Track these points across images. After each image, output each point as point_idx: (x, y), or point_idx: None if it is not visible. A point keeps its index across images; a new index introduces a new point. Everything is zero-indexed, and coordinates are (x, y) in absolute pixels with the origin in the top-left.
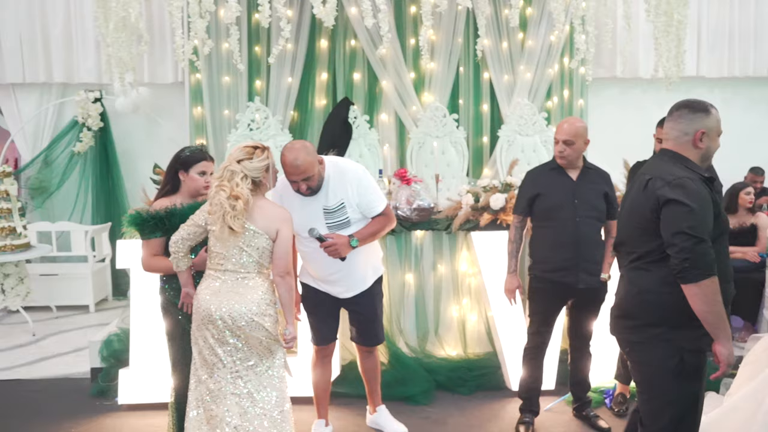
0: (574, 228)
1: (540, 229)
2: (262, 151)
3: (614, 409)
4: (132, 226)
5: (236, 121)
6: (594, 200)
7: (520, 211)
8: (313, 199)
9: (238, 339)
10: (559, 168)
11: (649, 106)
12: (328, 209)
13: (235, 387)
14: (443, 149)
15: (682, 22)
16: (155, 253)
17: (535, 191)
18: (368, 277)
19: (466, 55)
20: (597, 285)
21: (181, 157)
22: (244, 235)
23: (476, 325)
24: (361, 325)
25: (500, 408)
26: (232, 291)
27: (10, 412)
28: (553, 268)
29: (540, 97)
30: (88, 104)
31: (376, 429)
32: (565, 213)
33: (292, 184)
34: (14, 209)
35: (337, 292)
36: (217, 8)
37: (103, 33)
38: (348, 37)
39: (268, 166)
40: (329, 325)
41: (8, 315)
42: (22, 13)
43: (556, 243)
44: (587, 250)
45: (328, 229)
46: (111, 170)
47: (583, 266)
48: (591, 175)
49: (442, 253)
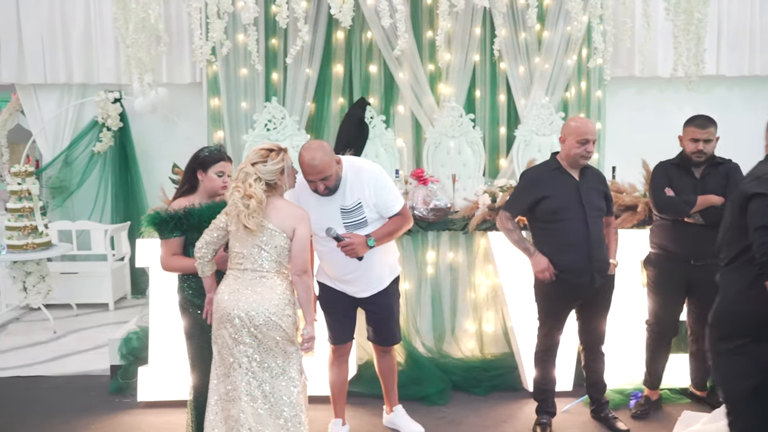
0: (585, 228)
1: (546, 231)
2: (277, 154)
3: (633, 410)
4: (150, 226)
5: (253, 121)
6: (596, 199)
7: (517, 211)
8: (330, 198)
9: (254, 338)
10: (560, 168)
11: (667, 105)
12: (345, 209)
13: (250, 388)
14: (459, 149)
15: (702, 20)
16: (174, 252)
17: (540, 194)
18: (385, 276)
19: (483, 46)
20: (606, 280)
21: (200, 157)
22: (262, 234)
23: (493, 326)
24: (377, 324)
25: (517, 409)
26: (251, 290)
27: (31, 408)
28: (563, 270)
29: (558, 89)
30: (108, 104)
31: (392, 429)
32: (575, 214)
33: (310, 184)
34: (36, 208)
35: (353, 292)
36: (235, 6)
37: (123, 34)
38: (365, 30)
39: (282, 169)
40: (346, 325)
41: (30, 312)
42: (43, 15)
43: (566, 244)
44: (598, 249)
45: (345, 229)
46: (130, 170)
47: (596, 266)
48: (589, 175)
49: (458, 253)
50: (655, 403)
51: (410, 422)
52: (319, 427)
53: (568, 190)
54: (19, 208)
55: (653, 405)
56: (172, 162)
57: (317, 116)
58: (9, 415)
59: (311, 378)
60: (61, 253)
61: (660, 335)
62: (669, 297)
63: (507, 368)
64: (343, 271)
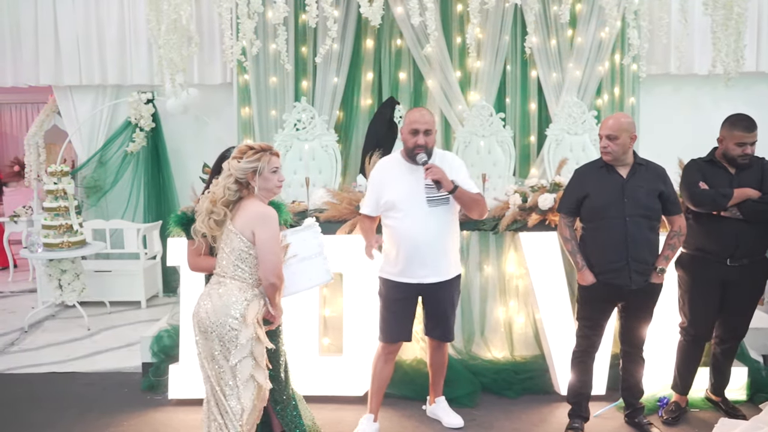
0: (623, 228)
1: (589, 231)
2: (255, 153)
3: (664, 416)
4: (177, 226)
5: (283, 121)
6: (644, 199)
7: (567, 210)
8: (417, 175)
9: (201, 343)
10: (607, 166)
11: (704, 103)
12: (430, 185)
13: (211, 390)
14: (489, 148)
15: (742, 15)
16: (199, 252)
17: (584, 192)
18: (452, 266)
19: (513, 52)
20: (649, 285)
21: (225, 157)
22: (226, 236)
23: (523, 327)
24: (438, 318)
25: (548, 412)
26: (208, 294)
27: (66, 403)
28: (602, 270)
29: (589, 95)
30: (141, 105)
31: (433, 418)
32: (614, 212)
33: (414, 137)
34: (71, 207)
35: (421, 276)
36: (265, 9)
37: (155, 35)
38: (394, 37)
39: (255, 169)
40: (404, 324)
41: (65, 309)
42: (79, 19)
43: (605, 244)
44: (637, 250)
45: (428, 202)
46: (162, 169)
47: (634, 267)
48: (642, 172)
49: (488, 253)
50: (683, 409)
51: (451, 414)
52: (345, 427)
53: (612, 188)
54: (55, 207)
55: (684, 411)
56: (203, 161)
57: (346, 120)
58: (45, 409)
59: (343, 379)
60: (95, 251)
61: (694, 339)
62: (705, 300)
63: (538, 371)
64: (414, 242)
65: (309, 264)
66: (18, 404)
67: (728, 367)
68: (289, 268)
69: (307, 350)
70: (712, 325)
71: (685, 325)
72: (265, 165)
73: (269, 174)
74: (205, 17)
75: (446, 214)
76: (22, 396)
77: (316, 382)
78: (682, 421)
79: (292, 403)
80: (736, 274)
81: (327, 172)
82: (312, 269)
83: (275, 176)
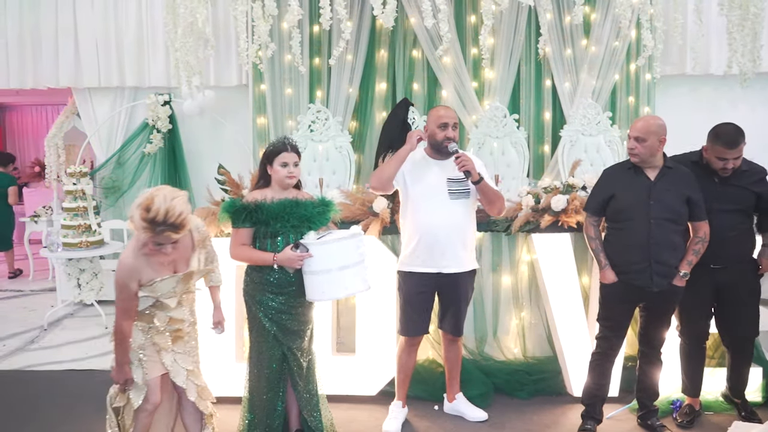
0: (647, 230)
1: (614, 231)
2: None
3: (678, 419)
4: (226, 213)
5: (297, 123)
6: (671, 202)
7: (593, 211)
8: (441, 169)
9: None
10: (635, 167)
11: (721, 103)
12: (452, 179)
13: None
14: (503, 150)
15: (758, 15)
16: (243, 242)
17: (610, 192)
18: (469, 259)
19: (527, 58)
20: (670, 288)
21: (266, 152)
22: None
23: (536, 329)
24: (452, 311)
25: (560, 414)
26: None
27: (84, 400)
28: (625, 271)
29: (602, 102)
30: (158, 107)
31: (455, 415)
32: (639, 214)
33: (443, 130)
34: (89, 208)
35: (441, 266)
36: (280, 13)
37: (172, 39)
38: (407, 47)
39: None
40: (423, 317)
41: (83, 308)
42: (98, 22)
43: (629, 245)
44: (659, 252)
45: (450, 195)
46: (178, 170)
47: (655, 269)
48: (671, 176)
49: (501, 254)
50: (697, 412)
51: (474, 408)
52: (357, 426)
53: (638, 190)
54: (74, 208)
55: (698, 414)
56: (219, 162)
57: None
58: (64, 405)
59: (357, 379)
60: (113, 251)
61: (690, 341)
62: (695, 302)
63: (550, 372)
64: (435, 232)
65: (349, 272)
66: (37, 400)
67: (741, 370)
68: (328, 274)
69: (321, 349)
70: (705, 326)
71: (680, 327)
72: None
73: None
74: (221, 20)
75: (466, 207)
76: (42, 392)
77: (329, 382)
78: (696, 424)
79: (315, 400)
80: (725, 276)
81: (341, 173)
82: (351, 278)
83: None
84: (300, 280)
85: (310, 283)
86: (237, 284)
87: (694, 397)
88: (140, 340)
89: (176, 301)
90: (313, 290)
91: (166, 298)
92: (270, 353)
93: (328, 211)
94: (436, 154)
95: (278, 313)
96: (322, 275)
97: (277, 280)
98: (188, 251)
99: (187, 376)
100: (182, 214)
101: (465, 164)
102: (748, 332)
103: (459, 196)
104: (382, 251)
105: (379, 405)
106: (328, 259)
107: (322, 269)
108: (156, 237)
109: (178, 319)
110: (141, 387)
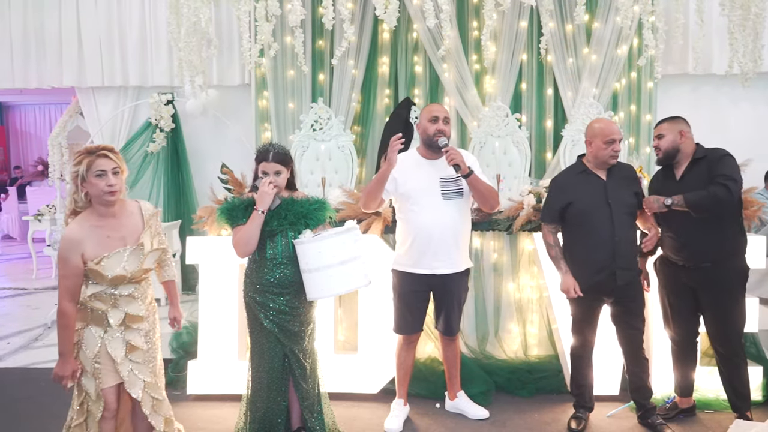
0: (611, 229)
1: (575, 235)
2: (78, 155)
3: (659, 413)
4: (223, 215)
5: (300, 121)
6: (626, 198)
7: (550, 220)
8: (433, 169)
9: None
10: (587, 170)
11: (723, 103)
12: (444, 179)
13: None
14: (505, 149)
15: (759, 15)
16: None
17: (567, 200)
18: (463, 259)
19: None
20: (633, 278)
21: (255, 155)
22: None
23: (537, 328)
24: (446, 312)
25: (561, 411)
26: None
27: None
28: (592, 271)
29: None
30: (161, 106)
31: (457, 413)
32: (600, 215)
33: (434, 124)
34: None
35: (433, 268)
36: (283, 7)
37: (175, 38)
38: (410, 30)
39: (77, 174)
40: (418, 316)
41: None
42: (101, 21)
43: (593, 246)
44: (622, 247)
45: (443, 196)
46: (181, 169)
47: (620, 263)
48: (616, 171)
49: (502, 253)
50: (689, 411)
51: (474, 406)
52: (359, 424)
53: (594, 192)
54: None
55: (685, 412)
56: (222, 161)
57: (363, 112)
58: (67, 403)
59: (358, 377)
60: None
61: (676, 341)
62: (675, 300)
63: (551, 371)
64: (428, 233)
65: (347, 267)
66: (42, 397)
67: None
68: (328, 270)
69: (322, 347)
70: (690, 326)
71: (665, 327)
72: (86, 169)
73: (94, 179)
74: (224, 20)
75: (460, 207)
76: (46, 389)
77: (331, 380)
78: (696, 422)
79: (317, 400)
80: (700, 276)
81: (343, 172)
82: (350, 273)
83: (102, 180)
84: (300, 280)
85: (311, 281)
86: (239, 283)
87: (682, 397)
88: (95, 348)
89: (128, 292)
90: (313, 288)
91: (116, 284)
92: (271, 353)
93: (324, 208)
94: (429, 151)
95: (279, 314)
96: (321, 272)
97: (278, 281)
98: (138, 229)
99: (144, 388)
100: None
101: (454, 157)
102: (727, 337)
103: (452, 197)
104: (385, 250)
105: (380, 403)
106: (327, 254)
107: (321, 266)
108: (95, 161)
109: (134, 315)
110: (99, 398)
